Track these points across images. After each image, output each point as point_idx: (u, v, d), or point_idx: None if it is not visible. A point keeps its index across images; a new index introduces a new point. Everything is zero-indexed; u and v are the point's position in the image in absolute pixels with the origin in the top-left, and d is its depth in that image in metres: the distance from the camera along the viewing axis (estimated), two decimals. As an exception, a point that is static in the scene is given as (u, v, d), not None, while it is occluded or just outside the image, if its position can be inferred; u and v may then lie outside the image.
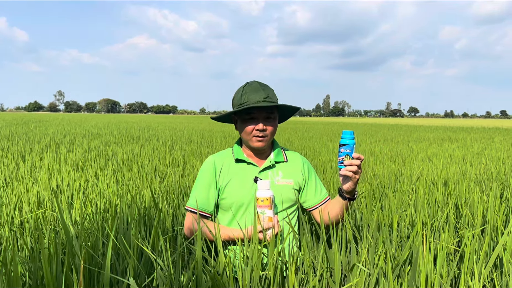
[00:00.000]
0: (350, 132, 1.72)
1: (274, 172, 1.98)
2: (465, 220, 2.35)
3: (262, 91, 1.88)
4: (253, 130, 1.90)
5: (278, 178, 1.97)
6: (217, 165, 1.97)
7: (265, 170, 1.97)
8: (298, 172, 2.03)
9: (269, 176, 1.96)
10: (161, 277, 1.47)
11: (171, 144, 9.81)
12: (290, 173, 2.01)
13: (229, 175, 1.95)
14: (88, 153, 7.01)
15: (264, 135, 1.91)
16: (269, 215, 1.70)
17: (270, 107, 1.90)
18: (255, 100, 1.86)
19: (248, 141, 1.95)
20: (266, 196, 1.70)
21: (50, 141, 9.79)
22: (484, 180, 4.23)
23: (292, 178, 1.99)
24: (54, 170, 4.92)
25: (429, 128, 25.93)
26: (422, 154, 8.03)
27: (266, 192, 1.72)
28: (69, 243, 1.47)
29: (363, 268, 1.48)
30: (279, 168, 2.00)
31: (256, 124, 1.90)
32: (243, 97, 1.89)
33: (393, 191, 3.53)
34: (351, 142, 1.71)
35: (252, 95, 1.88)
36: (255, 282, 1.42)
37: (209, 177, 1.95)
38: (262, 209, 1.71)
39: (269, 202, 1.70)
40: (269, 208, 1.70)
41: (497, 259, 1.83)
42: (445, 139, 14.21)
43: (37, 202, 3.01)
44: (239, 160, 1.98)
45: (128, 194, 3.32)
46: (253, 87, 1.90)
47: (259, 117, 1.90)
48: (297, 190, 2.00)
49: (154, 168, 5.34)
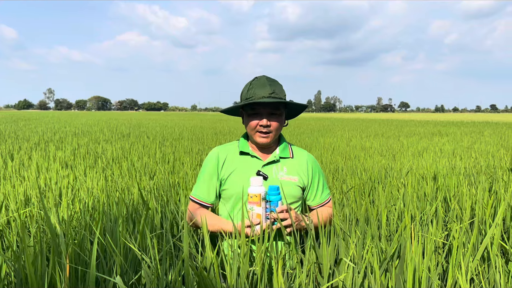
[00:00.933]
0: (275, 187, 1.74)
1: (279, 167, 1.97)
2: (454, 213, 2.35)
3: (269, 87, 1.88)
4: (256, 126, 1.91)
5: (282, 174, 1.95)
6: (221, 157, 1.99)
7: (269, 165, 1.96)
8: (303, 170, 2.01)
9: (273, 171, 1.95)
10: (148, 274, 1.45)
11: (161, 141, 9.77)
12: (295, 169, 1.99)
13: (232, 166, 1.96)
14: (78, 151, 6.95)
15: (268, 131, 1.91)
16: (257, 212, 1.69)
17: (275, 103, 1.89)
18: (260, 96, 1.86)
19: (252, 136, 1.96)
20: (256, 192, 1.70)
21: (39, 139, 9.70)
22: (474, 173, 4.25)
23: (297, 175, 1.98)
24: (42, 168, 4.87)
25: (420, 123, 26.07)
26: (412, 149, 8.06)
27: (256, 188, 1.71)
28: (54, 241, 1.45)
29: (350, 263, 1.48)
30: (284, 164, 1.99)
31: (260, 120, 1.90)
32: (250, 92, 1.90)
33: (383, 185, 3.54)
34: (276, 198, 1.72)
35: (258, 90, 1.88)
36: (243, 278, 1.41)
37: (211, 169, 1.99)
38: (251, 205, 1.71)
39: (258, 199, 1.69)
40: (258, 205, 1.69)
41: (485, 252, 1.84)
42: (435, 133, 14.29)
43: (24, 201, 2.98)
44: (243, 153, 1.99)
45: (116, 192, 3.29)
46: (260, 82, 1.90)
47: (263, 112, 1.89)
48: (300, 187, 1.98)
49: (144, 165, 5.31)
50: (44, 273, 1.37)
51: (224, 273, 1.71)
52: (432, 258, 1.52)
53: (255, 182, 1.73)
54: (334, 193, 3.07)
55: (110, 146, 7.89)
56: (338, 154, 7.12)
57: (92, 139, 10.17)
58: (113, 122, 24.32)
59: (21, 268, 1.38)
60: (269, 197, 1.72)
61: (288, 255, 1.73)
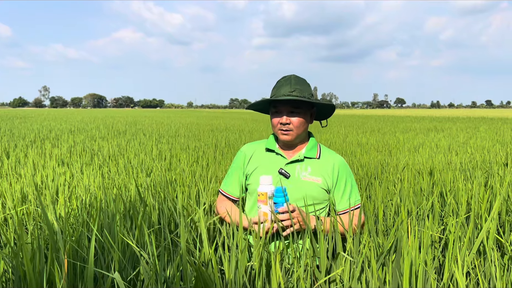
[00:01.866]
0: (280, 189, 1.76)
1: (303, 167, 1.95)
2: (450, 208, 2.37)
3: (292, 85, 1.88)
4: (278, 123, 1.93)
5: (306, 174, 1.93)
6: (247, 153, 2.06)
7: (293, 163, 1.96)
8: (328, 172, 1.95)
9: (296, 170, 1.94)
10: (146, 270, 1.46)
11: (158, 138, 9.75)
12: (320, 171, 1.95)
13: (256, 162, 2.01)
14: (74, 148, 6.93)
15: (288, 128, 1.91)
16: (264, 210, 1.71)
17: (296, 101, 1.88)
18: (281, 94, 1.88)
19: (276, 134, 1.99)
20: (263, 191, 1.72)
21: (35, 137, 9.67)
22: (469, 169, 4.27)
23: (321, 176, 1.93)
24: (39, 165, 4.86)
25: (416, 119, 26.14)
26: (408, 144, 8.08)
27: (264, 187, 1.73)
28: (51, 238, 1.46)
29: (347, 256, 1.49)
30: (308, 164, 1.96)
31: (281, 117, 1.91)
32: (274, 90, 1.93)
33: (380, 181, 3.56)
34: (280, 200, 1.74)
35: (282, 88, 1.89)
36: (241, 273, 1.42)
37: (237, 164, 2.09)
38: (259, 204, 1.74)
39: (265, 197, 1.71)
40: (265, 203, 1.71)
41: (480, 246, 1.86)
42: (431, 129, 14.33)
43: (21, 198, 2.98)
44: (269, 150, 2.03)
45: (113, 189, 3.29)
46: (286, 81, 1.91)
47: (283, 110, 1.91)
48: (325, 189, 1.94)
49: (141, 162, 5.30)
50: (42, 269, 1.38)
51: (222, 268, 1.72)
52: (428, 252, 1.54)
53: (264, 181, 1.75)
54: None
55: (106, 143, 7.87)
56: (334, 150, 7.13)
57: (88, 136, 10.15)
58: (109, 119, 24.26)
59: (19, 265, 1.38)
60: (275, 199, 1.73)
61: (285, 250, 1.74)
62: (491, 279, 1.61)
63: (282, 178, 1.92)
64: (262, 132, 12.32)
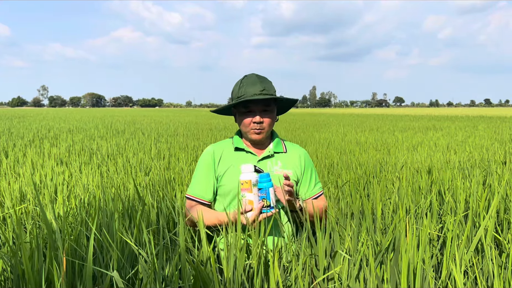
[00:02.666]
0: (266, 174, 1.75)
1: (273, 162, 2.00)
2: (448, 206, 2.37)
3: (259, 84, 1.91)
4: (250, 123, 1.93)
5: (277, 168, 1.99)
6: (216, 154, 2.01)
7: (264, 160, 1.99)
8: (296, 164, 2.05)
9: (268, 165, 1.98)
10: (145, 269, 1.46)
11: (156, 137, 9.75)
12: (289, 164, 2.03)
13: (228, 163, 1.98)
14: (72, 148, 6.93)
15: (261, 127, 1.93)
16: (249, 198, 1.70)
17: (266, 100, 1.92)
18: (251, 93, 1.89)
19: (246, 133, 1.98)
20: (246, 179, 1.71)
21: (34, 136, 9.66)
22: (468, 167, 4.28)
23: (292, 169, 2.01)
24: (37, 165, 4.86)
25: (414, 117, 26.16)
26: (407, 143, 8.09)
27: (247, 175, 1.73)
28: (50, 237, 1.46)
29: (345, 255, 1.49)
30: (278, 158, 2.02)
31: (253, 117, 1.92)
32: (241, 90, 1.92)
33: (378, 179, 3.56)
34: (267, 185, 1.73)
35: (249, 88, 1.90)
36: (239, 271, 1.42)
37: (207, 166, 2.00)
38: (243, 192, 1.73)
39: (249, 185, 1.70)
40: (249, 191, 1.71)
41: (479, 244, 1.86)
42: (430, 128, 14.34)
43: (19, 198, 2.98)
44: (238, 149, 2.01)
45: (112, 188, 3.29)
46: (250, 80, 1.93)
47: (256, 109, 1.92)
48: (295, 181, 2.01)
49: (140, 161, 5.30)
50: (41, 268, 1.38)
51: (221, 267, 1.72)
52: (426, 250, 1.54)
53: (245, 169, 1.76)
54: (329, 188, 3.09)
55: (105, 143, 7.87)
56: (333, 149, 7.14)
57: (87, 135, 10.14)
58: (107, 118, 24.24)
59: (18, 264, 1.38)
60: (261, 185, 1.73)
61: (284, 248, 1.75)
62: (488, 277, 1.62)
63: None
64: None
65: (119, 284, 1.34)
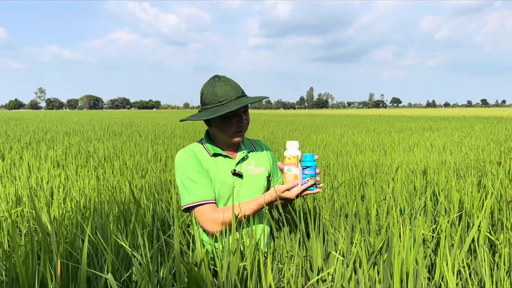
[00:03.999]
0: (311, 155, 1.78)
1: (247, 163, 1.99)
2: (442, 207, 2.38)
3: (236, 86, 1.90)
4: (235, 126, 1.90)
5: (251, 168, 1.99)
6: (198, 156, 1.89)
7: (241, 162, 1.97)
8: (266, 158, 2.07)
9: (244, 167, 1.96)
10: (139, 271, 1.47)
11: (153, 139, 9.75)
12: (260, 161, 2.04)
13: (210, 169, 1.90)
14: (69, 150, 6.93)
15: (243, 129, 1.92)
16: (295, 173, 1.72)
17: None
18: (234, 96, 1.86)
19: (229, 137, 1.92)
20: (294, 154, 1.73)
21: (31, 138, 9.65)
22: (463, 168, 4.30)
23: (263, 165, 2.03)
24: (34, 168, 4.85)
25: (411, 118, 26.22)
26: (403, 144, 8.11)
27: (294, 151, 1.75)
28: (44, 240, 1.46)
29: (339, 256, 1.50)
30: (250, 158, 2.02)
31: (239, 119, 1.90)
32: (220, 94, 1.85)
33: (374, 180, 3.57)
34: (314, 164, 1.77)
35: (229, 91, 1.87)
36: (233, 273, 1.43)
37: (198, 167, 1.86)
38: (289, 167, 1.73)
39: (296, 160, 1.73)
40: (296, 166, 1.73)
41: (472, 244, 1.87)
42: (426, 128, 14.38)
43: (15, 201, 2.98)
44: (216, 154, 1.94)
45: (108, 190, 3.29)
46: (224, 82, 1.89)
47: (240, 112, 1.91)
48: (267, 177, 2.04)
49: (136, 164, 5.30)
50: (35, 271, 1.38)
51: (215, 269, 1.72)
52: (420, 251, 1.55)
53: (291, 145, 1.77)
54: (325, 189, 3.10)
55: (102, 145, 7.87)
56: (330, 150, 7.15)
57: (84, 138, 10.13)
58: (105, 121, 24.21)
59: (12, 267, 1.39)
60: (311, 163, 1.75)
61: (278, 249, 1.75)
62: (482, 277, 1.63)
63: (236, 178, 1.91)
64: (258, 132, 12.33)
65: (114, 287, 1.34)
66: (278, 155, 6.44)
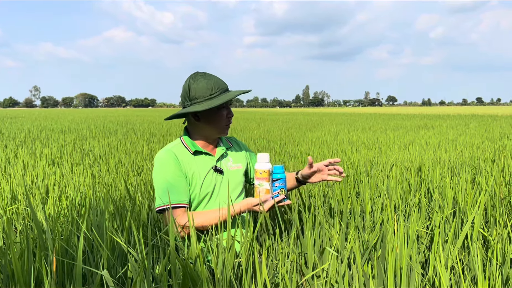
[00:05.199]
0: (281, 167, 1.80)
1: (226, 159, 2.03)
2: (436, 204, 2.40)
3: (220, 80, 1.92)
4: (225, 118, 1.94)
5: (230, 164, 2.02)
6: (178, 157, 1.88)
7: (221, 159, 2.00)
8: (242, 154, 2.12)
9: (223, 164, 1.99)
10: (135, 268, 1.47)
11: (149, 137, 9.74)
12: (238, 157, 2.08)
13: (190, 167, 1.89)
14: (64, 148, 6.91)
15: (230, 121, 1.97)
16: (266, 187, 1.74)
17: None
18: (224, 87, 1.90)
19: (219, 129, 1.95)
20: (265, 168, 1.75)
21: (25, 137, 9.62)
22: (458, 165, 4.32)
23: (240, 162, 2.07)
24: (29, 166, 4.84)
25: (407, 116, 26.29)
26: (398, 142, 8.14)
27: (265, 165, 1.76)
28: (40, 236, 1.46)
29: (333, 252, 1.51)
30: (229, 155, 2.06)
31: (228, 112, 1.94)
32: (211, 86, 1.86)
33: (368, 178, 3.59)
34: (283, 176, 1.79)
35: (219, 83, 1.89)
36: (229, 270, 1.44)
37: (177, 170, 1.86)
38: (260, 181, 1.76)
39: (267, 174, 1.74)
40: (267, 180, 1.75)
41: (465, 240, 1.89)
42: (421, 126, 14.43)
43: (10, 198, 2.97)
44: (197, 152, 1.94)
45: (102, 188, 3.29)
46: (209, 76, 1.90)
47: (228, 104, 1.96)
48: (244, 173, 2.08)
49: (132, 162, 5.30)
50: (30, 268, 1.38)
51: (211, 265, 1.73)
52: (414, 247, 1.56)
53: (262, 158, 1.78)
54: (320, 186, 3.11)
55: (97, 143, 7.85)
56: (325, 148, 7.17)
57: (79, 136, 10.11)
58: (100, 119, 24.16)
59: (8, 264, 1.39)
60: (281, 175, 1.78)
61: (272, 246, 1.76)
62: (474, 272, 1.64)
63: (217, 175, 1.94)
64: (254, 131, 12.34)
65: (109, 283, 1.35)
66: (273, 153, 6.45)
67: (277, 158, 5.67)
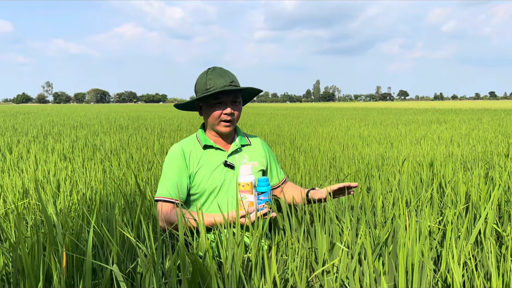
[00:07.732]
0: (265, 179, 1.79)
1: (241, 155, 2.03)
2: (448, 199, 2.37)
3: (227, 76, 1.91)
4: (221, 115, 1.93)
5: (245, 161, 2.03)
6: (186, 152, 1.96)
7: (233, 154, 2.01)
8: (261, 154, 2.11)
9: (236, 160, 2.00)
10: (144, 263, 1.47)
11: (160, 132, 9.77)
12: (255, 155, 2.08)
13: (198, 161, 1.95)
14: (76, 143, 6.96)
15: (231, 119, 1.94)
16: (250, 200, 1.71)
17: (235, 91, 1.94)
18: (221, 85, 1.88)
19: (215, 126, 1.97)
20: (247, 181, 1.72)
21: (38, 132, 9.71)
22: (470, 160, 4.27)
23: (257, 160, 2.07)
24: (41, 160, 4.88)
25: (419, 111, 26.07)
26: (410, 137, 8.07)
27: (247, 177, 1.73)
28: (50, 231, 1.47)
29: (344, 248, 1.50)
30: (244, 151, 2.06)
31: (224, 109, 1.92)
32: (209, 82, 1.90)
33: (380, 172, 3.56)
34: (268, 189, 1.78)
35: (217, 80, 1.89)
36: (238, 265, 1.43)
37: (179, 165, 1.94)
38: (243, 194, 1.73)
39: (250, 187, 1.71)
40: (250, 193, 1.72)
41: (478, 236, 1.86)
42: (433, 121, 14.29)
43: (22, 193, 3.00)
44: (207, 146, 2.00)
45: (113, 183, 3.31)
46: (217, 72, 1.92)
47: (226, 101, 1.93)
48: (262, 170, 2.08)
49: (143, 157, 5.32)
50: (40, 263, 1.39)
51: (220, 260, 1.73)
52: (426, 243, 1.54)
53: (245, 171, 1.75)
54: (331, 181, 3.09)
55: (108, 138, 7.90)
56: (336, 143, 7.13)
57: (91, 131, 10.18)
58: (111, 114, 24.31)
59: (18, 259, 1.39)
60: (265, 188, 1.75)
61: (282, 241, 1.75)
62: (487, 268, 1.62)
63: (228, 170, 1.95)
64: (264, 126, 12.33)
65: (119, 278, 1.35)
66: (284, 148, 6.43)
67: (287, 153, 5.65)
